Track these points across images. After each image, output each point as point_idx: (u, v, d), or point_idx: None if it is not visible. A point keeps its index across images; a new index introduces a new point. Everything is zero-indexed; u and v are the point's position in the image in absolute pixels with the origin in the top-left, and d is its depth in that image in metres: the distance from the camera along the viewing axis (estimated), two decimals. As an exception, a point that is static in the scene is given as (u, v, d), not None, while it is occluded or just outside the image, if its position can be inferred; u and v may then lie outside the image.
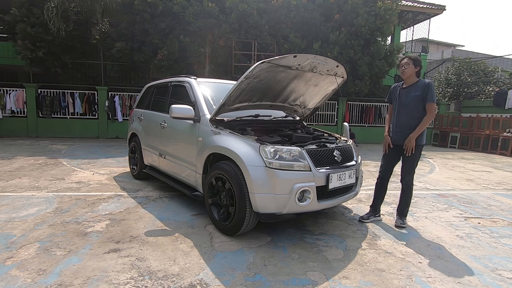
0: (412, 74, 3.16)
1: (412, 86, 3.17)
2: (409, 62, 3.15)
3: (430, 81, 3.13)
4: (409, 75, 3.17)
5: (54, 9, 8.78)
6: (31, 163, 5.96)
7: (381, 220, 3.49)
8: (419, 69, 3.17)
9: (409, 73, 3.16)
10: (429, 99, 3.05)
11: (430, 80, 3.19)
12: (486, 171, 7.06)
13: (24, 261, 2.33)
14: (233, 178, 2.72)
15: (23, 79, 12.03)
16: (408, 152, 3.15)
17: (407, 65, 3.15)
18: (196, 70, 9.94)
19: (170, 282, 2.13)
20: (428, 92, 3.05)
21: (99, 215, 3.33)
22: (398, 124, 3.24)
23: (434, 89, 3.11)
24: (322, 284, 2.18)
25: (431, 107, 3.07)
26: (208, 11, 9.47)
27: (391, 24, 10.40)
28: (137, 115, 4.98)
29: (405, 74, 3.19)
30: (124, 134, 9.89)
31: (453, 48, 25.93)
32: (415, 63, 3.14)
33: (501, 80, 15.66)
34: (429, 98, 3.05)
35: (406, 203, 3.34)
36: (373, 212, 3.48)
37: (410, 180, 3.27)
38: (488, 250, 2.85)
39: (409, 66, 3.14)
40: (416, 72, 3.16)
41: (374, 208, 3.49)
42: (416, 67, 3.15)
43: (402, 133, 3.19)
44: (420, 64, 3.18)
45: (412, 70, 3.15)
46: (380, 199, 3.49)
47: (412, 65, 3.13)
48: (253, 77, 2.97)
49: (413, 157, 3.19)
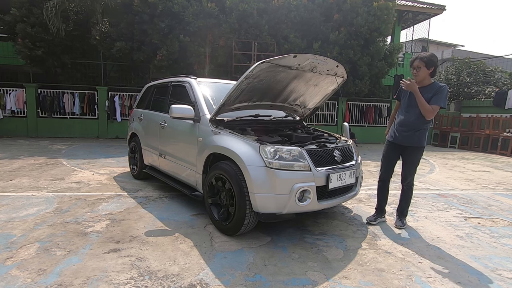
0: (425, 77, 2.93)
1: (425, 88, 2.95)
2: (420, 65, 2.90)
3: (444, 85, 2.89)
4: (421, 79, 2.95)
5: (53, 9, 8.78)
6: (31, 163, 5.96)
7: (385, 221, 3.47)
8: (433, 69, 2.90)
9: (422, 77, 2.94)
10: (436, 101, 2.85)
11: (444, 85, 2.92)
12: (486, 171, 7.06)
13: (24, 261, 2.33)
14: (233, 178, 2.72)
15: (23, 79, 12.04)
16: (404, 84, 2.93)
17: (419, 69, 2.92)
18: (196, 70, 9.94)
19: (170, 282, 2.13)
20: (438, 94, 2.85)
21: (99, 215, 3.33)
22: (403, 123, 3.08)
23: (447, 93, 2.88)
24: (322, 284, 2.18)
25: (436, 109, 2.89)
26: (208, 11, 9.47)
27: (389, 24, 10.37)
28: (137, 115, 4.98)
29: (418, 78, 2.96)
30: (124, 134, 9.89)
31: (453, 48, 25.94)
32: (427, 65, 2.88)
33: (501, 80, 15.66)
34: (437, 99, 2.85)
35: (406, 204, 3.32)
36: (379, 214, 3.44)
37: (411, 181, 3.25)
38: (488, 250, 2.85)
39: (421, 69, 2.90)
40: (430, 73, 2.91)
41: (380, 209, 3.44)
42: (430, 68, 2.89)
43: (407, 133, 3.07)
44: (435, 63, 2.89)
45: (424, 73, 2.91)
46: (384, 200, 3.43)
47: (424, 68, 2.89)
48: (253, 77, 2.97)
49: (414, 158, 3.15)
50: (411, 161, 3.17)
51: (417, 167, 3.21)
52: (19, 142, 8.92)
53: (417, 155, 3.14)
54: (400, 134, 3.14)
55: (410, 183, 3.24)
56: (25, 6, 9.44)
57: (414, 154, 3.14)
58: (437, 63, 2.94)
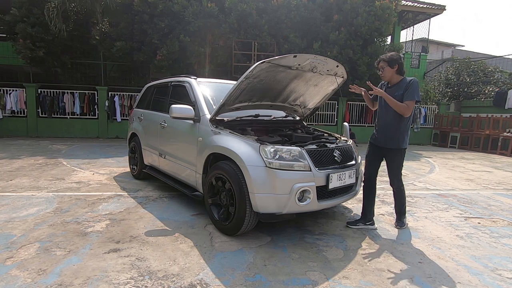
0: (392, 75, 2.99)
1: (395, 86, 2.99)
2: (383, 65, 2.98)
3: (413, 79, 2.92)
4: (388, 77, 3.02)
5: (54, 9, 8.78)
6: (31, 163, 5.96)
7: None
8: (397, 67, 2.94)
9: (388, 75, 3.00)
10: (407, 97, 2.86)
11: (413, 78, 2.95)
12: (486, 171, 7.06)
13: (24, 261, 2.33)
14: (233, 178, 2.72)
15: (23, 79, 12.04)
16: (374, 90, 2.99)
17: (383, 69, 3.00)
18: (196, 70, 9.94)
19: (170, 282, 2.13)
20: (408, 89, 2.87)
21: (99, 215, 3.33)
22: (380, 123, 3.10)
23: (417, 86, 2.89)
24: (322, 284, 2.18)
25: (411, 104, 2.86)
26: (207, 10, 9.47)
27: (390, 24, 10.36)
28: (137, 115, 4.98)
29: (385, 77, 3.04)
30: (124, 134, 9.90)
31: (453, 48, 25.92)
32: (389, 64, 2.94)
33: (501, 80, 15.65)
34: (408, 95, 2.86)
35: (401, 203, 3.25)
36: (362, 219, 3.27)
37: (400, 183, 3.16)
38: (488, 250, 2.85)
39: (385, 69, 2.98)
40: (396, 71, 2.96)
41: (364, 215, 3.27)
42: (393, 66, 2.94)
43: (384, 134, 3.06)
44: (397, 61, 2.94)
45: (390, 72, 2.97)
46: (369, 205, 3.25)
47: (387, 67, 2.96)
48: (253, 77, 2.98)
49: (397, 161, 3.08)
50: (394, 165, 3.09)
51: (401, 169, 3.14)
52: (19, 142, 8.92)
53: (398, 158, 3.07)
54: (380, 135, 3.11)
55: (399, 185, 3.16)
56: (25, 6, 9.44)
57: (395, 157, 3.07)
58: (400, 60, 2.96)
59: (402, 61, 2.99)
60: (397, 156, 3.07)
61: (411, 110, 2.90)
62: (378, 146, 3.16)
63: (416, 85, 2.90)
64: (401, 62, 2.98)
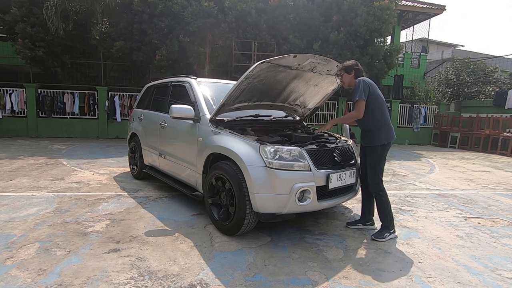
0: (350, 81, 3.09)
1: (354, 89, 3.04)
2: (341, 72, 3.13)
3: (358, 80, 2.96)
4: (347, 83, 3.13)
5: (53, 8, 8.77)
6: (31, 163, 5.96)
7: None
8: (353, 73, 3.06)
9: (347, 81, 3.12)
10: (353, 97, 2.92)
11: (360, 78, 2.98)
12: (486, 171, 7.06)
13: (24, 261, 2.33)
14: (233, 178, 2.72)
15: (23, 79, 12.03)
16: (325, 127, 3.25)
17: (341, 76, 3.14)
18: (196, 70, 9.93)
19: (170, 282, 2.13)
20: (353, 91, 2.93)
21: (99, 215, 3.33)
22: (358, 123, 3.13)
23: (360, 86, 2.89)
24: (322, 284, 2.18)
25: (357, 104, 2.91)
26: (207, 10, 9.46)
27: (390, 24, 10.35)
28: (137, 115, 4.98)
29: (344, 84, 3.16)
30: (124, 134, 9.89)
31: (453, 48, 25.93)
32: (346, 70, 3.09)
33: (501, 80, 15.65)
34: (354, 96, 2.91)
35: (383, 213, 2.96)
36: (362, 220, 3.27)
37: (377, 188, 2.95)
38: (488, 250, 2.85)
39: (344, 76, 3.11)
40: (353, 76, 3.06)
41: (363, 215, 3.26)
42: (349, 72, 3.07)
43: (362, 133, 3.12)
44: (352, 67, 3.07)
45: (348, 78, 3.09)
46: (367, 206, 3.23)
47: (345, 74, 3.10)
48: (253, 77, 2.98)
49: (370, 159, 2.98)
50: (368, 162, 3.01)
51: (378, 171, 2.96)
52: (19, 142, 8.91)
53: (372, 155, 2.97)
54: (361, 134, 3.16)
55: (376, 189, 2.96)
56: (25, 6, 9.43)
57: (369, 155, 3.00)
58: (356, 66, 3.09)
59: (358, 67, 3.10)
60: (370, 153, 2.99)
61: (360, 110, 2.93)
62: (362, 145, 3.19)
63: (359, 84, 2.92)
64: (358, 68, 3.09)
